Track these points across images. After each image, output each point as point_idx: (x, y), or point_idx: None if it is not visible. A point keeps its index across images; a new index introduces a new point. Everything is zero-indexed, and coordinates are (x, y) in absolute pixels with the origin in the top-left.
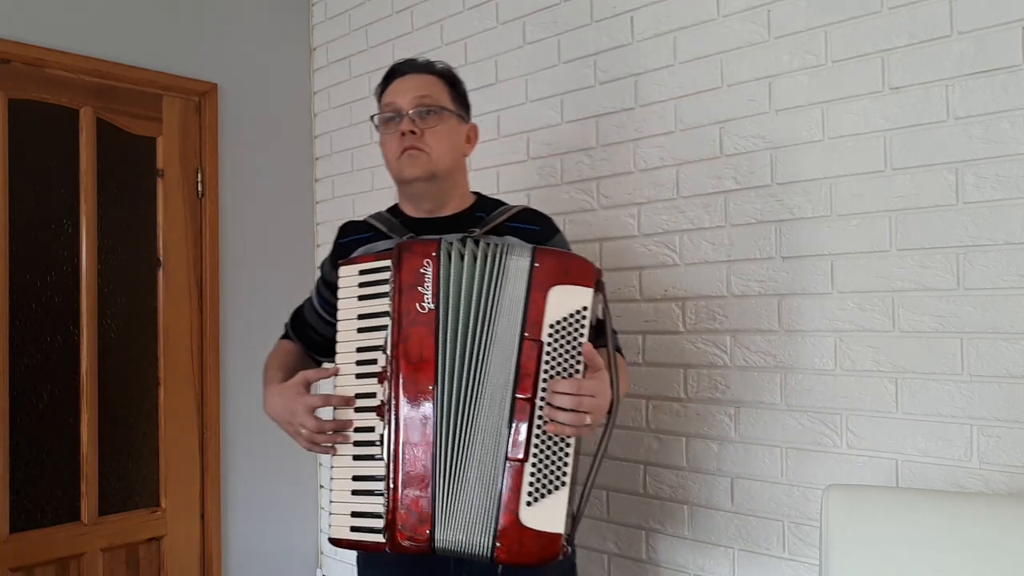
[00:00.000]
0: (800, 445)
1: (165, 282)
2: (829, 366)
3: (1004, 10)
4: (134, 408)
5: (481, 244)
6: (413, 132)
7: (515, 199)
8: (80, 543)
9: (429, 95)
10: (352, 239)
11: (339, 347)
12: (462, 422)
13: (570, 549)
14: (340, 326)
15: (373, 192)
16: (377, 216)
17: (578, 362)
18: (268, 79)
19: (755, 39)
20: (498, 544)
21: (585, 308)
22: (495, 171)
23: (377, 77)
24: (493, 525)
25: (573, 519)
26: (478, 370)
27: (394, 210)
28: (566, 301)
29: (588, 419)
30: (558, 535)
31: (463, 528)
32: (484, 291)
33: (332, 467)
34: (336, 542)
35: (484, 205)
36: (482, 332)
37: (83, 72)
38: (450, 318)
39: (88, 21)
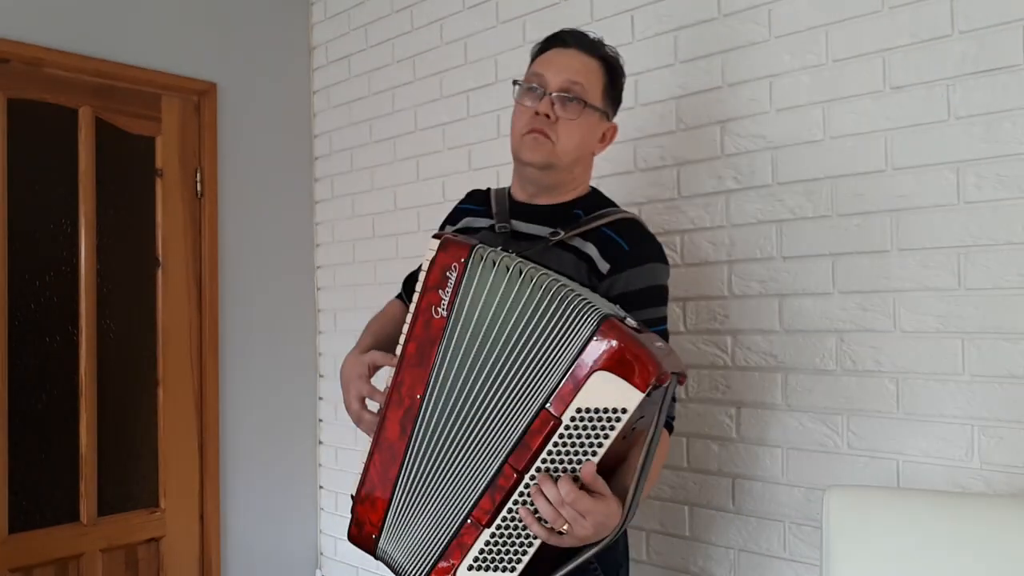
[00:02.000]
0: (801, 445)
1: (164, 282)
2: (830, 366)
3: (1005, 10)
4: (133, 408)
5: (531, 269)
6: (548, 116)
7: None
8: (79, 544)
9: (581, 83)
10: (465, 207)
11: (409, 317)
12: (441, 446)
13: None
14: (415, 296)
15: (373, 191)
16: (498, 190)
17: (588, 460)
18: (267, 78)
19: (756, 38)
20: None
21: (624, 411)
22: (495, 171)
23: (377, 76)
24: (430, 565)
25: None
26: (479, 405)
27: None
28: (609, 393)
29: (564, 527)
30: None
31: (405, 551)
32: (523, 329)
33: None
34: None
35: (589, 202)
36: (502, 370)
37: (82, 71)
38: (458, 333)
39: (87, 20)
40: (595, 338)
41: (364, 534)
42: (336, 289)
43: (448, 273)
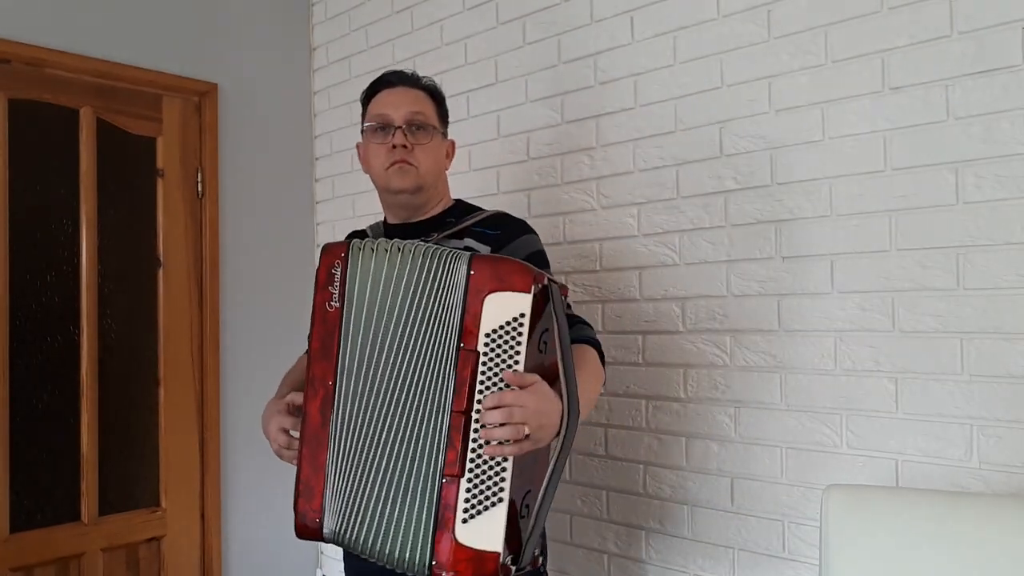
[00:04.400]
0: (800, 445)
1: (165, 282)
2: (829, 366)
3: (1004, 10)
4: (134, 408)
5: (408, 247)
6: (405, 146)
7: (515, 199)
8: (80, 543)
9: (421, 112)
10: None
11: (310, 322)
12: (368, 419)
13: (514, 570)
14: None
15: (373, 192)
16: (373, 225)
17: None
18: (268, 79)
19: (755, 39)
20: (434, 561)
21: (523, 315)
22: (495, 171)
23: None
24: (430, 541)
25: (525, 540)
26: (397, 372)
27: (385, 219)
28: (503, 308)
29: (526, 430)
30: (495, 553)
31: (370, 531)
32: (414, 296)
33: None
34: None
35: (458, 210)
36: (409, 338)
37: (83, 72)
38: (353, 316)
39: (88, 21)
40: (472, 272)
41: (308, 523)
42: None
43: (333, 270)
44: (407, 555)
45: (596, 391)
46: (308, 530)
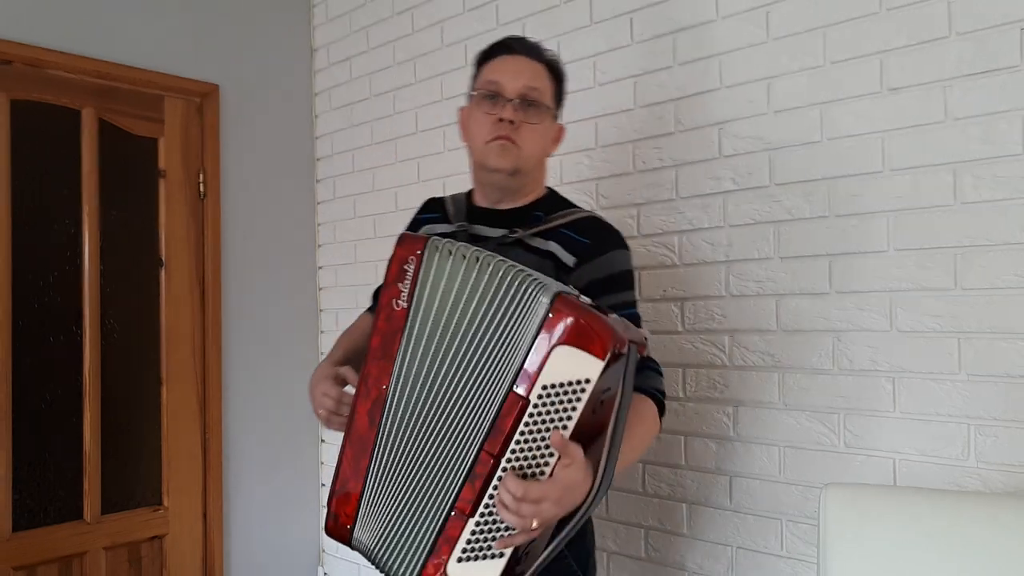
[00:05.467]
0: (798, 444)
1: (167, 282)
2: (827, 366)
3: (1003, 11)
4: (136, 407)
5: (491, 260)
6: (512, 122)
7: None
8: (82, 542)
9: (538, 88)
10: (424, 217)
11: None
12: (410, 434)
13: None
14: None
15: (374, 192)
16: (454, 197)
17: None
18: (269, 80)
19: (754, 40)
20: None
21: (588, 381)
22: None
23: (378, 78)
24: (420, 565)
25: None
26: (446, 391)
27: (469, 193)
28: (570, 366)
29: (534, 523)
30: None
31: (385, 543)
32: (484, 316)
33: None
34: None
35: (548, 203)
36: (467, 358)
37: (84, 73)
38: (419, 322)
39: (89, 22)
40: (551, 314)
41: (339, 525)
42: (338, 289)
43: (405, 266)
44: (396, 567)
45: (641, 451)
46: (337, 532)
